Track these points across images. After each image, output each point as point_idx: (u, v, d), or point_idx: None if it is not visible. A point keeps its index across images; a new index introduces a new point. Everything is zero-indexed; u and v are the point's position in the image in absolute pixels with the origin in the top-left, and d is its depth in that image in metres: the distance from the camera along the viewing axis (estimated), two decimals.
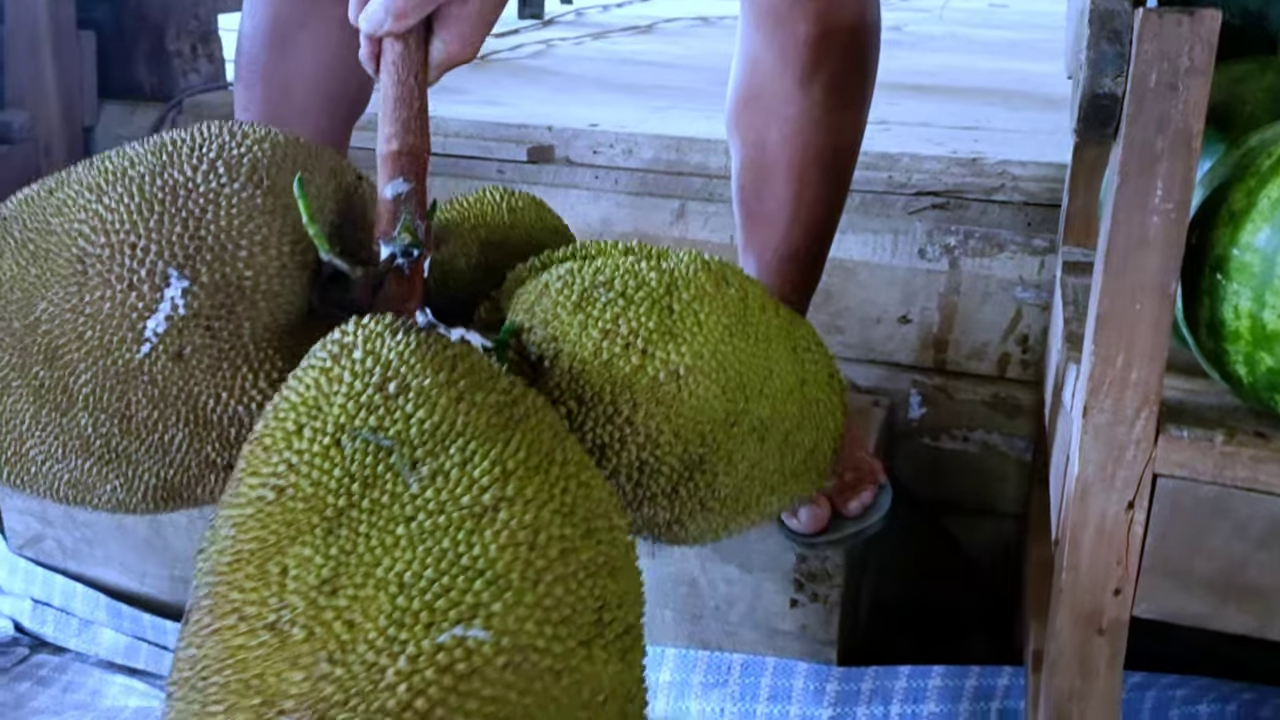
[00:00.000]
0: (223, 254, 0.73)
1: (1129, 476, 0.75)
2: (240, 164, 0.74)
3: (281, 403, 0.66)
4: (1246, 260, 0.71)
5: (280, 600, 0.58)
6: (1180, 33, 0.68)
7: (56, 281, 0.73)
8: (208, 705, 0.57)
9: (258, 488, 0.63)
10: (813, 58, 1.13)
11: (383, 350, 0.66)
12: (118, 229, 0.72)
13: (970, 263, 1.38)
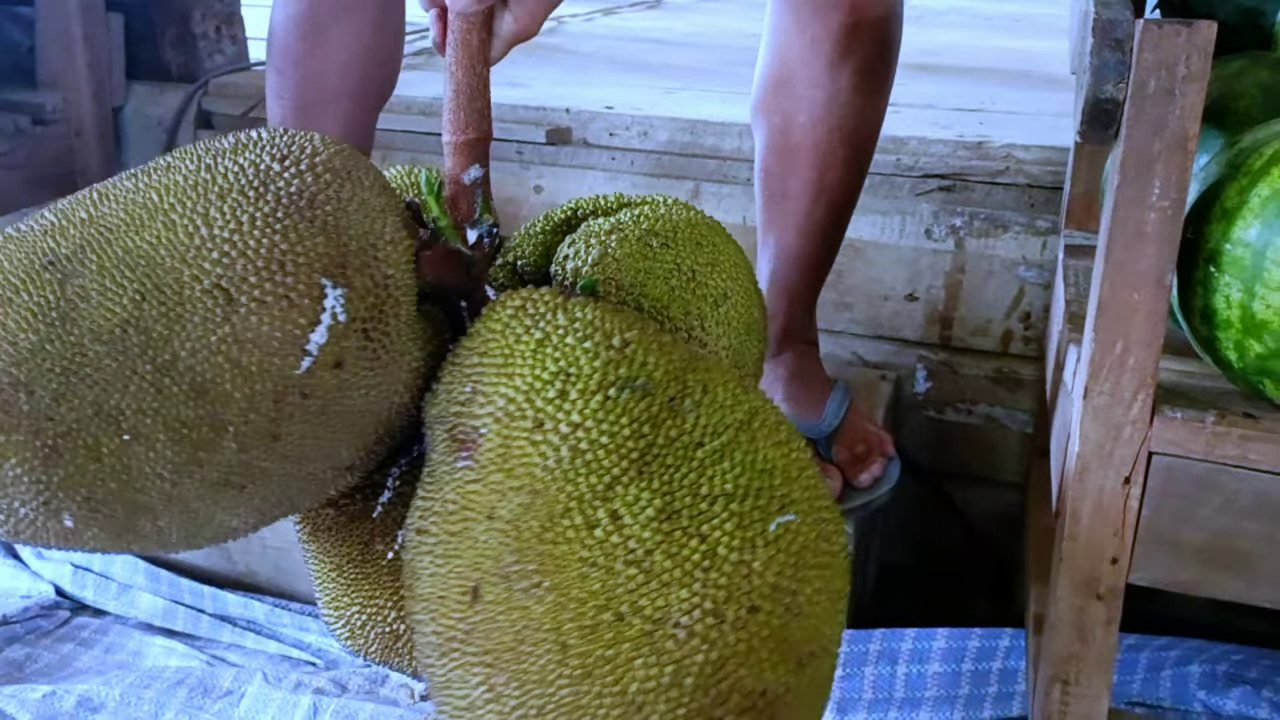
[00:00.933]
0: (366, 256, 0.73)
1: (1126, 454, 0.81)
2: (339, 168, 0.74)
3: (508, 381, 0.70)
4: (1238, 254, 0.76)
5: (622, 538, 0.66)
6: (1178, 42, 0.73)
7: (192, 314, 0.70)
8: (616, 648, 0.65)
9: (546, 455, 0.68)
10: (844, 45, 1.17)
11: (580, 314, 0.72)
12: (254, 249, 0.70)
13: (975, 243, 1.43)
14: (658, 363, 0.72)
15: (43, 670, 1.34)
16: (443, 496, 0.71)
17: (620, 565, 0.66)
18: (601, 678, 0.66)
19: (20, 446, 0.68)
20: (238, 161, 0.72)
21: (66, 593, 1.46)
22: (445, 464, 0.73)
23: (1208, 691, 1.27)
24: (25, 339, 0.68)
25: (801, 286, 1.29)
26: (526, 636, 0.67)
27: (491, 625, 0.68)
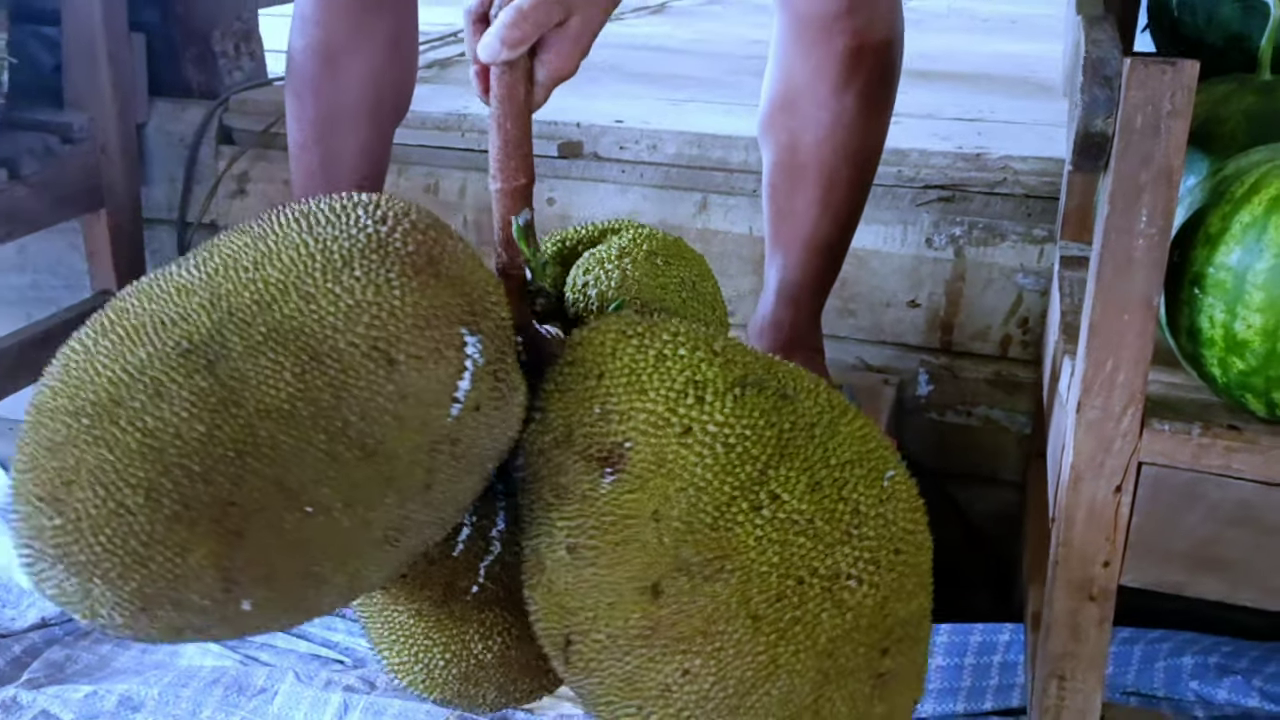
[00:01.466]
0: (486, 302, 0.77)
1: (1117, 465, 0.85)
2: (436, 224, 0.79)
3: (641, 396, 0.79)
4: (1221, 277, 0.81)
5: (786, 513, 0.77)
6: (1164, 81, 0.77)
7: (356, 379, 0.73)
8: (803, 608, 0.77)
9: (702, 454, 0.77)
10: (848, 69, 1.22)
11: (674, 329, 0.82)
12: (400, 309, 0.73)
13: (974, 251, 1.48)
14: (752, 360, 0.83)
15: (83, 670, 1.40)
16: (596, 511, 0.78)
17: (791, 536, 0.77)
18: (795, 636, 0.77)
19: (205, 537, 0.70)
20: (343, 230, 0.76)
21: None
22: (585, 483, 0.79)
23: (1200, 681, 1.32)
24: (192, 429, 0.70)
25: (807, 297, 1.34)
26: (717, 617, 0.77)
27: (678, 615, 0.77)
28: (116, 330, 0.75)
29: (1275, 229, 0.78)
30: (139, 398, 0.71)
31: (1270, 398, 0.82)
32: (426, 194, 1.68)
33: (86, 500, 0.70)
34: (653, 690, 0.78)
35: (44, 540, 0.71)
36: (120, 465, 0.70)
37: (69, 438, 0.71)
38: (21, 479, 0.73)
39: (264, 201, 1.75)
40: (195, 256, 0.78)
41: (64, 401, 0.73)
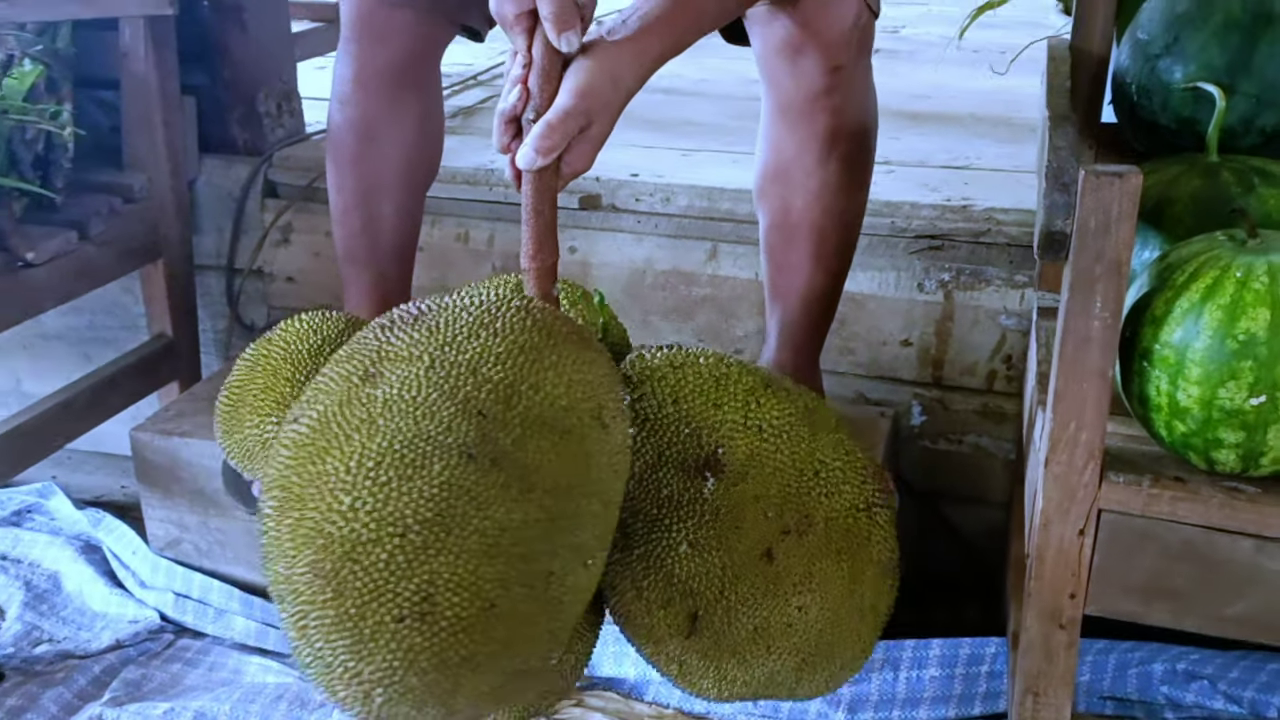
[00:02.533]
0: (614, 363, 0.97)
1: (1080, 511, 0.98)
2: (552, 306, 0.98)
3: (718, 410, 1.01)
4: (1165, 354, 0.93)
5: (830, 471, 1.03)
6: (1113, 190, 0.90)
7: (591, 443, 0.87)
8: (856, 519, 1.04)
9: (779, 446, 1.01)
10: (829, 143, 1.35)
11: (701, 353, 1.05)
12: (594, 381, 0.90)
13: (962, 295, 1.60)
14: (750, 367, 1.06)
15: (158, 689, 1.52)
16: (708, 509, 0.99)
17: (839, 487, 1.03)
18: (861, 555, 1.04)
19: (541, 612, 0.84)
20: (516, 326, 0.90)
21: (169, 618, 1.64)
22: (690, 490, 1.00)
23: (1169, 686, 1.45)
24: (510, 519, 0.81)
25: (805, 341, 1.47)
26: (813, 560, 1.01)
27: (788, 568, 1.00)
28: (391, 462, 0.81)
29: (1209, 314, 0.91)
30: (457, 506, 0.79)
31: (1209, 455, 0.94)
32: (458, 242, 1.81)
33: (455, 606, 0.79)
34: (778, 630, 1.00)
35: (414, 663, 0.78)
36: (472, 569, 0.79)
37: (410, 560, 0.78)
38: (366, 606, 0.78)
39: (307, 250, 1.88)
40: (393, 373, 0.86)
41: (381, 527, 0.79)
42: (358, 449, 0.82)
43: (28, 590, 1.70)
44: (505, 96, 1.01)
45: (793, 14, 1.27)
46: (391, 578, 0.78)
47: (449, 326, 0.89)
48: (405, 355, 0.88)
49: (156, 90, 1.72)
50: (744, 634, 1.00)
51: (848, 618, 1.04)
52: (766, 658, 1.01)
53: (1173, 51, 1.19)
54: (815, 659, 1.03)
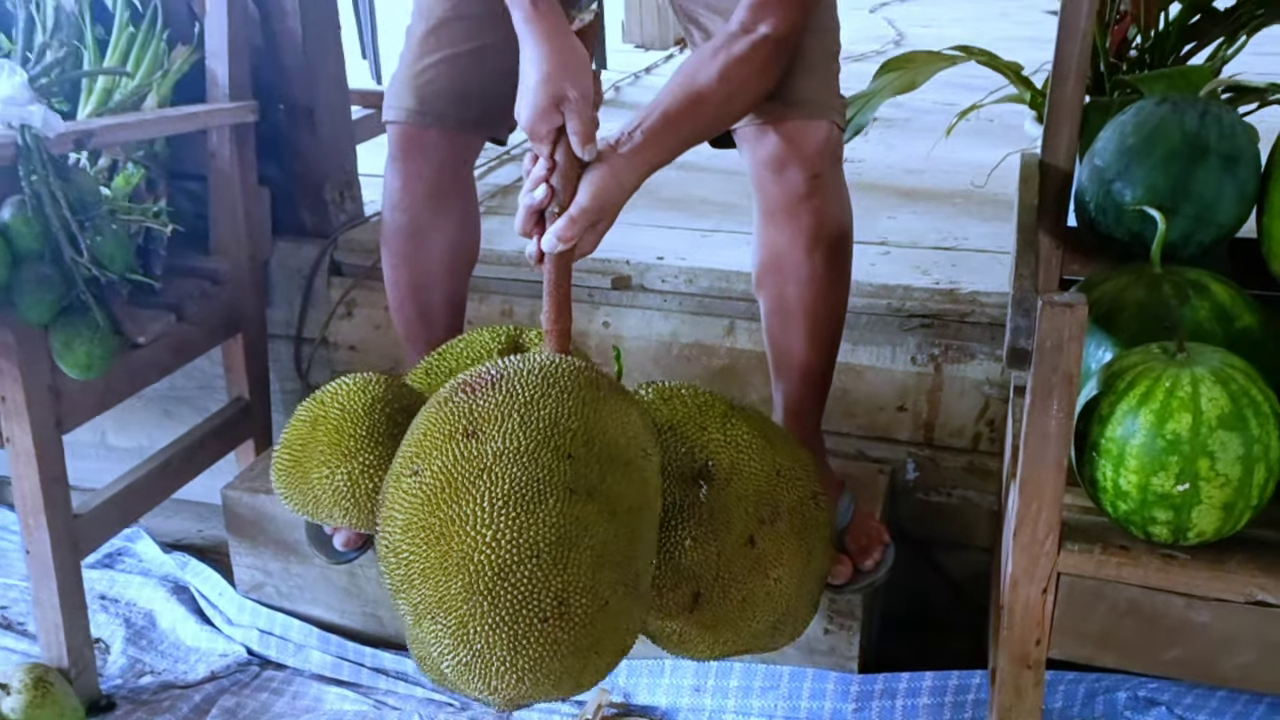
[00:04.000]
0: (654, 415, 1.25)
1: (1042, 574, 1.17)
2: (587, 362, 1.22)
3: (704, 431, 1.29)
4: (1109, 447, 1.12)
5: (783, 469, 1.32)
6: (1065, 317, 1.09)
7: (642, 469, 1.15)
8: (813, 520, 1.35)
9: (751, 454, 1.30)
10: (813, 239, 1.52)
11: (683, 386, 1.35)
12: (635, 419, 1.18)
13: (950, 367, 1.79)
14: (715, 395, 1.33)
15: (251, 715, 1.71)
16: (704, 510, 1.25)
17: (796, 483, 1.31)
18: (815, 535, 1.33)
19: (636, 602, 1.11)
20: (577, 385, 1.15)
21: (255, 652, 1.84)
22: (689, 497, 1.26)
23: (1132, 712, 1.63)
24: (608, 534, 1.07)
25: (807, 410, 1.65)
26: (783, 541, 1.28)
27: (765, 549, 1.27)
28: (516, 500, 1.05)
29: (1144, 416, 1.10)
30: (573, 530, 1.05)
31: (1146, 529, 1.13)
32: (503, 316, 2.00)
33: (581, 608, 1.04)
34: (760, 598, 1.28)
35: (557, 650, 1.03)
36: (590, 576, 1.05)
37: (546, 574, 1.03)
38: (518, 613, 1.02)
39: (368, 323, 2.08)
40: (490, 430, 1.10)
41: (522, 552, 1.03)
42: (485, 492, 1.06)
43: (128, 627, 1.89)
44: (529, 193, 1.28)
45: (779, 132, 1.47)
46: (534, 589, 1.03)
47: (524, 389, 1.14)
48: (498, 415, 1.13)
49: (239, 185, 1.92)
50: (734, 605, 1.28)
51: (807, 582, 1.33)
52: (751, 621, 1.30)
53: (1124, 177, 1.38)
54: (785, 618, 1.33)
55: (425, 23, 1.59)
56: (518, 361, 1.19)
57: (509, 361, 1.19)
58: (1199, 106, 1.38)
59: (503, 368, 1.18)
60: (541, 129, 1.29)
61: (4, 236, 1.38)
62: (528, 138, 1.32)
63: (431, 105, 1.57)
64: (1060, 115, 1.52)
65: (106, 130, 1.58)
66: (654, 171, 1.35)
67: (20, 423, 1.52)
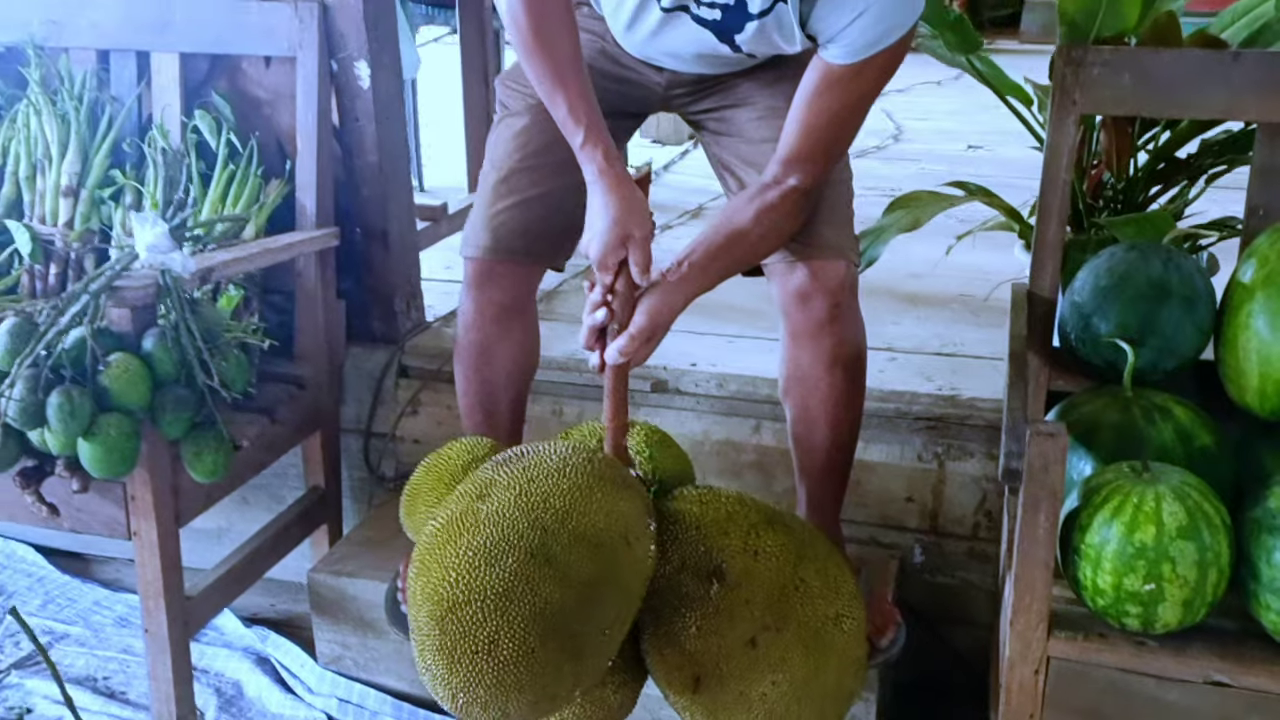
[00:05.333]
0: (648, 500, 1.39)
1: (1035, 656, 1.36)
2: (615, 461, 1.41)
3: (725, 536, 1.41)
4: (1088, 551, 1.32)
5: (809, 587, 1.41)
6: (1050, 443, 1.29)
7: (618, 554, 1.30)
8: (829, 636, 1.42)
9: (768, 565, 1.40)
10: (832, 358, 1.72)
11: (721, 493, 1.48)
12: (627, 511, 1.32)
13: (952, 464, 2.00)
14: (766, 507, 1.46)
15: None
16: (712, 606, 1.37)
17: (815, 600, 1.39)
18: (828, 651, 1.40)
19: (568, 659, 1.24)
20: (581, 471, 1.33)
21: (334, 718, 2.02)
22: (700, 590, 1.38)
23: None
24: (551, 598, 1.22)
25: (829, 504, 1.85)
26: (787, 651, 1.37)
27: (766, 653, 1.38)
28: (480, 552, 1.24)
29: (1116, 527, 1.30)
30: (519, 587, 1.22)
31: (1121, 620, 1.33)
32: (554, 416, 2.21)
33: (509, 650, 1.20)
34: (756, 697, 1.37)
35: (491, 681, 1.20)
36: (525, 626, 1.21)
37: (486, 616, 1.21)
38: (452, 644, 1.20)
39: (431, 420, 2.28)
40: (495, 491, 1.31)
41: (471, 595, 1.21)
42: (465, 543, 1.27)
43: (219, 696, 2.08)
44: (592, 314, 1.51)
45: (805, 269, 1.68)
46: (473, 626, 1.21)
47: (536, 468, 1.35)
48: (505, 484, 1.34)
49: (320, 300, 2.13)
50: (731, 697, 1.40)
51: (811, 695, 1.40)
52: (747, 716, 1.40)
53: (1099, 313, 1.60)
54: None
55: (498, 172, 1.81)
56: (549, 446, 1.39)
57: (543, 445, 1.40)
58: (1162, 254, 1.60)
59: (533, 449, 1.38)
60: (610, 261, 1.53)
61: (147, 363, 1.59)
62: (595, 267, 1.54)
63: (504, 242, 1.79)
64: (1044, 253, 1.75)
65: (225, 265, 1.79)
66: (698, 297, 1.57)
67: (147, 518, 1.72)
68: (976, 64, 2.03)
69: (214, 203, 2.05)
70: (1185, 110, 1.74)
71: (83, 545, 2.60)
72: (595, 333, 1.51)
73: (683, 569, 1.41)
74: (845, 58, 1.53)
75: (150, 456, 1.68)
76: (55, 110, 2.12)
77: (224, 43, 2.09)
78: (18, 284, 2.13)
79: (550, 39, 1.57)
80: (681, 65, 1.76)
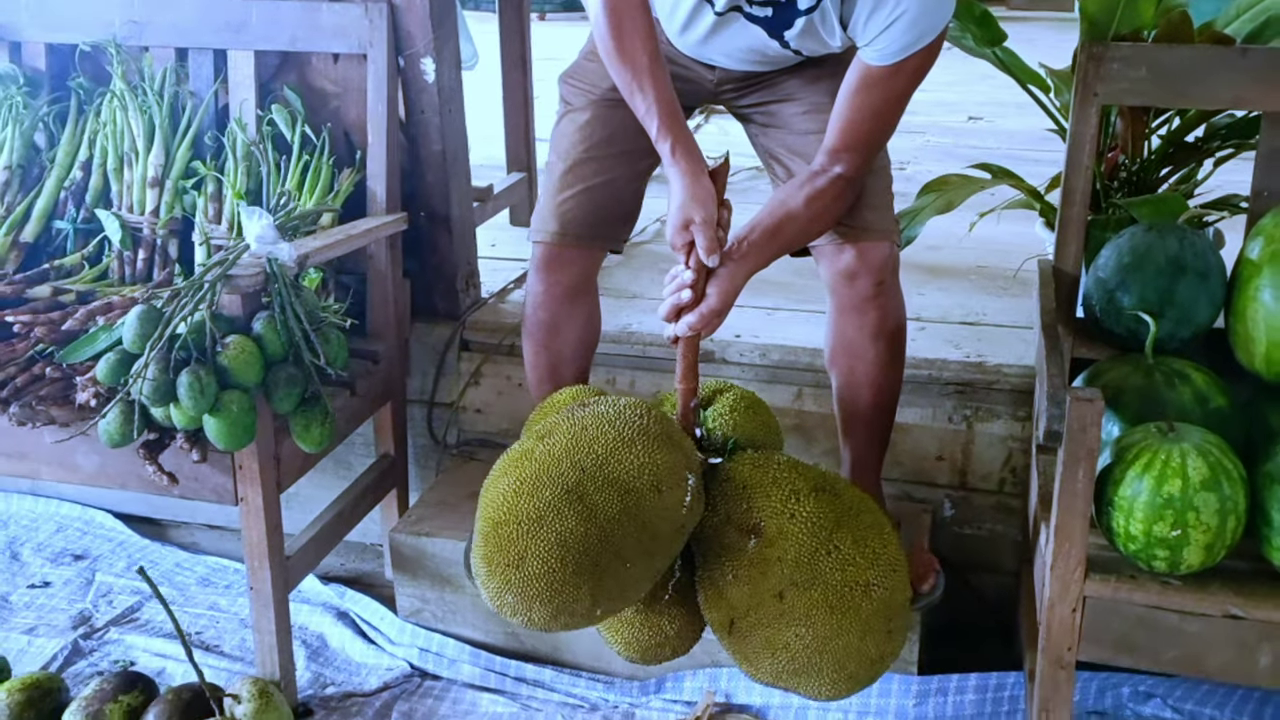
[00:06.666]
0: (690, 453, 1.52)
1: (1073, 596, 1.52)
2: (661, 415, 1.51)
3: (767, 498, 1.55)
4: (1121, 503, 1.47)
5: (842, 554, 1.52)
6: (1088, 407, 1.44)
7: (646, 499, 1.44)
8: (856, 603, 1.53)
9: (802, 528, 1.53)
10: (876, 329, 1.87)
11: (774, 458, 1.62)
12: (661, 463, 1.46)
13: (979, 425, 2.15)
14: (818, 475, 1.58)
15: (424, 717, 2.04)
16: (748, 558, 1.51)
17: (847, 565, 1.50)
18: (850, 612, 1.50)
19: (588, 580, 1.40)
20: (628, 424, 1.47)
21: (416, 666, 2.17)
22: (739, 543, 1.52)
23: (1134, 704, 1.98)
24: (578, 530, 1.39)
25: (872, 463, 2.00)
26: (813, 607, 1.49)
27: (794, 606, 1.50)
28: (525, 483, 1.43)
29: (1146, 481, 1.45)
30: (549, 515, 1.40)
31: (1150, 563, 1.48)
32: (608, 384, 2.34)
33: (535, 567, 1.39)
34: (780, 644, 1.52)
35: (516, 589, 1.39)
36: (548, 550, 1.39)
37: (516, 536, 1.40)
38: (490, 554, 1.41)
39: (492, 390, 2.42)
40: (552, 437, 1.48)
41: (510, 518, 1.41)
42: (517, 474, 1.47)
43: (306, 648, 2.23)
44: (675, 294, 1.65)
45: (852, 250, 1.82)
46: (508, 543, 1.41)
47: (592, 418, 1.52)
48: (564, 430, 1.51)
49: (390, 280, 2.26)
50: (759, 642, 1.55)
51: (832, 651, 1.50)
52: (773, 661, 1.55)
53: (1122, 288, 1.74)
54: (805, 671, 1.54)
55: (564, 163, 1.94)
56: (613, 401, 1.55)
57: (609, 399, 1.56)
58: (1178, 233, 1.74)
59: (598, 402, 1.54)
60: (678, 241, 1.67)
61: (259, 344, 1.73)
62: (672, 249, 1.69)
63: (569, 228, 1.92)
64: (1069, 232, 1.89)
65: (317, 252, 1.92)
66: (756, 273, 1.71)
67: (253, 486, 1.86)
68: (1000, 54, 2.16)
69: (291, 191, 2.17)
70: (1196, 101, 1.88)
71: (155, 510, 2.74)
72: (675, 310, 1.65)
73: (728, 522, 1.56)
74: (882, 60, 1.66)
75: (257, 429, 1.81)
76: (140, 105, 2.23)
77: (298, 41, 2.20)
78: (108, 270, 2.25)
79: (628, 44, 1.70)
80: (732, 63, 1.89)
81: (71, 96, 2.34)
